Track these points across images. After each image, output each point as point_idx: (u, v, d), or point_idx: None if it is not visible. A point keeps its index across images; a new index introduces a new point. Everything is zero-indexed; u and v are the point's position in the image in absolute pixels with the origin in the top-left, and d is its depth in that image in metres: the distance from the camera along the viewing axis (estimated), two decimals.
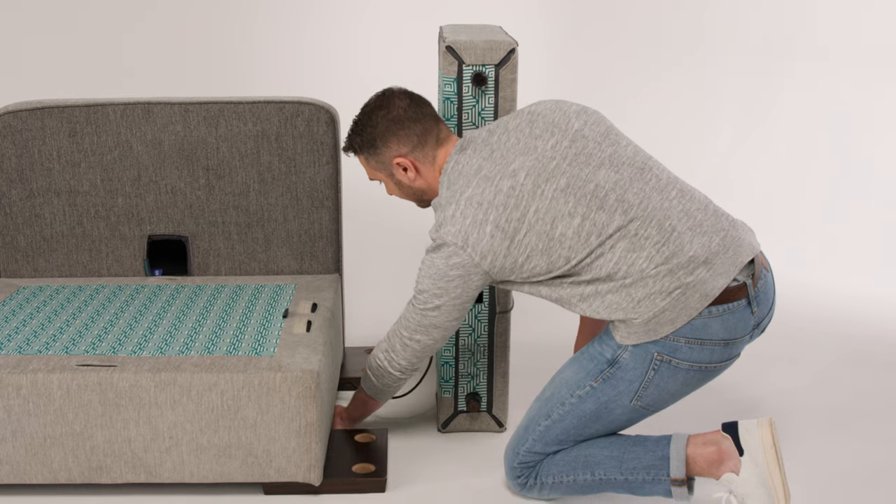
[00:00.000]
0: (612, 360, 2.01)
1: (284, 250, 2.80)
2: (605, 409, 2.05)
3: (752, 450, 1.98)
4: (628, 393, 2.02)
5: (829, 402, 2.75)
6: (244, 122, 2.70)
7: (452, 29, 2.58)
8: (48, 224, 2.76)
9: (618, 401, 2.03)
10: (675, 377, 1.99)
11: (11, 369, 2.13)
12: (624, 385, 2.01)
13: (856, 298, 3.57)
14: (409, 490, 2.27)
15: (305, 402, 2.13)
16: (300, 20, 4.73)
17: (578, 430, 2.09)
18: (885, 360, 3.05)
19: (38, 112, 2.68)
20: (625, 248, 1.94)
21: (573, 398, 2.07)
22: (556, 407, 2.10)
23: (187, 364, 2.16)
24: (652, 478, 2.05)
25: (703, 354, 1.97)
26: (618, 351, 2.01)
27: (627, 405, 2.03)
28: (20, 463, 2.16)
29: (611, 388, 2.02)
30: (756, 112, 4.47)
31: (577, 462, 2.11)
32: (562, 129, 2.03)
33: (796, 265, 3.88)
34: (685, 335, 1.95)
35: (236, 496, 2.23)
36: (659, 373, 1.98)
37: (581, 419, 2.07)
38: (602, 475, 2.09)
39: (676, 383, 2.00)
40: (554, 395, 2.11)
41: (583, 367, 2.07)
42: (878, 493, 2.28)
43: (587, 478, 2.10)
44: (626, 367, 2.00)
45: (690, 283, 1.93)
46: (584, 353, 2.09)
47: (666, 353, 1.96)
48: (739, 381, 2.89)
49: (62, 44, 4.63)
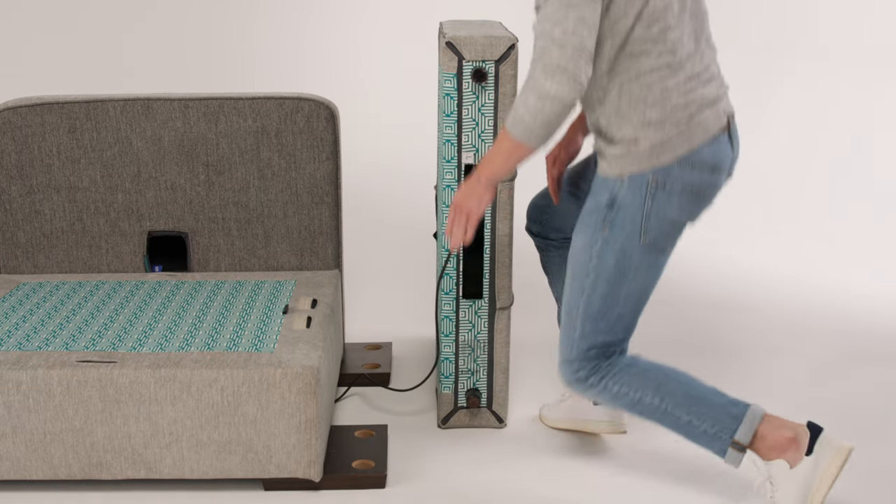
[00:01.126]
0: (610, 202, 2.04)
1: (284, 246, 2.80)
2: (624, 257, 2.06)
3: (820, 457, 1.99)
4: (635, 231, 2.04)
5: (828, 399, 2.75)
6: (244, 118, 2.70)
7: (452, 25, 2.58)
8: (48, 220, 2.76)
9: (630, 243, 2.05)
10: (671, 202, 2.03)
11: (11, 365, 2.13)
12: (629, 223, 2.04)
13: (855, 294, 3.57)
14: (408, 486, 2.28)
15: (305, 398, 2.13)
16: (300, 17, 4.72)
17: (615, 296, 2.08)
18: (885, 356, 3.06)
19: (37, 108, 2.68)
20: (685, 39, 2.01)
21: (593, 260, 2.08)
22: (583, 278, 2.10)
23: (187, 360, 2.16)
24: (715, 431, 2.07)
25: (693, 177, 2.02)
26: (614, 190, 2.04)
27: (639, 246, 2.05)
28: (20, 459, 2.16)
29: (619, 231, 2.05)
30: (756, 110, 4.47)
31: (651, 384, 2.11)
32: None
33: (796, 261, 3.88)
34: (679, 156, 2.02)
35: (236, 492, 2.23)
36: (656, 199, 2.02)
37: (609, 280, 2.08)
38: (668, 407, 2.10)
39: (673, 209, 2.03)
40: (576, 269, 2.11)
41: (587, 226, 2.09)
42: (878, 490, 2.28)
43: (654, 402, 2.11)
44: (625, 203, 2.03)
45: (697, 121, 2.01)
46: (582, 218, 2.11)
47: (659, 177, 2.01)
48: (739, 378, 2.89)
49: (62, 40, 4.63)
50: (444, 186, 2.40)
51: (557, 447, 2.46)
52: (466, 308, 2.47)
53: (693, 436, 2.10)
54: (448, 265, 2.43)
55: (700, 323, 3.33)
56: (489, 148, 2.21)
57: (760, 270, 3.82)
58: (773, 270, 3.82)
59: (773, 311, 3.44)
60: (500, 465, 2.37)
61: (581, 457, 2.41)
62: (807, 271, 3.80)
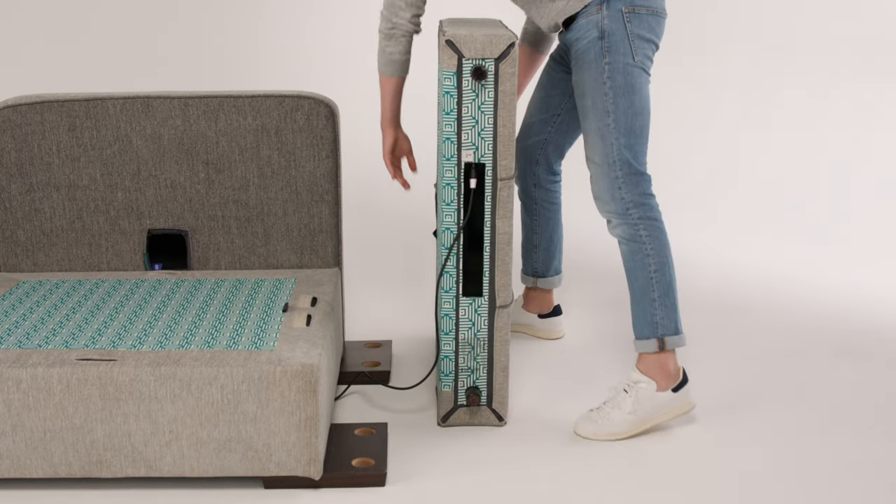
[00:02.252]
0: (601, 34, 2.40)
1: (284, 244, 2.80)
2: (629, 74, 2.40)
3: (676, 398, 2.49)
4: (627, 51, 2.40)
5: (827, 397, 2.75)
6: (244, 116, 2.70)
7: (452, 23, 2.57)
8: (48, 218, 2.76)
9: (627, 62, 2.40)
10: (642, 23, 2.41)
11: (11, 363, 2.13)
12: (622, 45, 2.40)
13: (855, 293, 3.57)
14: (408, 484, 2.28)
15: (305, 397, 2.13)
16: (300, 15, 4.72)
17: (633, 108, 2.41)
18: (883, 355, 3.05)
19: (37, 106, 2.68)
20: None
21: (606, 83, 2.40)
22: (603, 100, 2.41)
23: (187, 358, 2.16)
24: (657, 321, 2.49)
25: (650, 1, 2.42)
26: (600, 23, 2.40)
27: (633, 64, 2.41)
28: (20, 457, 2.16)
29: (617, 53, 2.40)
30: (757, 109, 4.46)
31: (661, 253, 2.46)
32: None
33: (795, 260, 3.88)
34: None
35: (236, 490, 2.23)
36: (632, 22, 2.40)
37: (625, 94, 2.40)
38: (654, 279, 2.47)
39: (644, 29, 2.41)
40: (594, 98, 2.42)
41: (588, 62, 2.42)
42: (877, 488, 2.28)
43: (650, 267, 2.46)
44: (611, 30, 2.40)
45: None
46: (579, 60, 2.45)
47: (627, 5, 2.39)
48: (739, 376, 2.89)
49: (62, 39, 4.62)
50: (444, 184, 2.40)
51: (558, 446, 2.46)
52: (466, 306, 2.47)
53: (643, 308, 2.48)
54: (448, 263, 2.43)
55: (699, 323, 3.33)
56: (488, 145, 2.36)
57: (760, 270, 3.82)
58: (772, 270, 3.82)
59: (772, 311, 3.44)
60: (500, 463, 2.37)
61: (582, 456, 2.41)
62: (805, 270, 3.80)
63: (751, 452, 2.43)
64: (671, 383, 2.48)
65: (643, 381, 2.47)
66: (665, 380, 2.48)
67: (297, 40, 4.68)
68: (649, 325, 2.48)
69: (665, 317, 2.47)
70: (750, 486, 2.27)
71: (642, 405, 2.46)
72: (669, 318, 2.47)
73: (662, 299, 2.47)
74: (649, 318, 2.48)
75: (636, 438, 2.49)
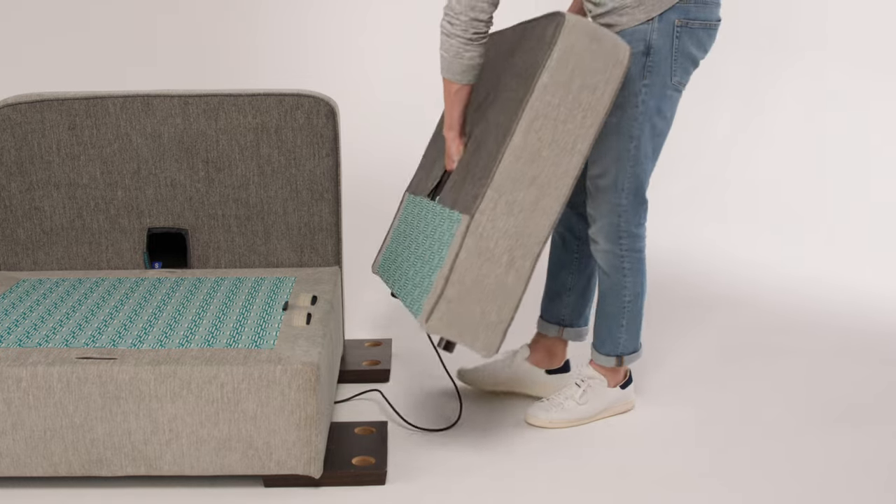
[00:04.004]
0: (646, 49, 2.26)
1: (284, 243, 2.80)
2: (663, 98, 2.31)
3: (621, 395, 2.58)
4: (667, 72, 2.29)
5: (827, 395, 2.75)
6: (244, 114, 2.70)
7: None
8: (48, 217, 2.76)
9: (665, 84, 2.29)
10: (692, 39, 2.28)
11: (11, 362, 2.13)
12: (664, 65, 2.28)
13: (855, 291, 3.57)
14: (409, 483, 2.28)
15: (305, 395, 2.13)
16: (300, 14, 4.72)
17: (655, 134, 2.33)
18: (884, 353, 3.05)
19: (37, 105, 2.68)
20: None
21: (638, 107, 2.29)
22: (629, 123, 2.30)
23: (187, 357, 2.16)
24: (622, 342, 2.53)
25: (706, 12, 2.28)
26: (647, 37, 2.25)
27: (670, 85, 2.30)
28: (20, 456, 2.16)
29: (657, 75, 2.28)
30: (755, 105, 4.46)
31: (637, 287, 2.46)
32: None
33: (794, 258, 3.88)
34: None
35: (236, 489, 2.23)
36: (681, 39, 2.26)
37: (652, 121, 2.32)
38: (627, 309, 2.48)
39: (693, 45, 2.29)
40: (621, 118, 2.30)
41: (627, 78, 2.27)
42: (876, 485, 2.28)
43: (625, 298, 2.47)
44: (657, 46, 2.26)
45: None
46: None
47: (682, 17, 2.25)
48: (738, 375, 2.89)
49: (62, 38, 4.62)
50: None
51: (560, 446, 2.46)
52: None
53: (609, 329, 2.50)
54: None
55: (698, 322, 3.33)
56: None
57: (759, 267, 3.82)
58: (771, 268, 3.82)
59: (770, 308, 3.44)
60: (501, 462, 2.37)
61: (584, 455, 2.41)
62: (805, 265, 3.80)
63: (743, 451, 2.44)
64: (619, 382, 2.59)
65: (596, 377, 2.55)
66: (615, 379, 2.58)
67: (297, 39, 4.68)
68: (612, 344, 2.53)
69: (628, 339, 2.53)
70: (740, 483, 2.27)
71: (593, 398, 2.54)
72: (631, 340, 2.53)
73: (629, 325, 2.51)
74: (613, 339, 2.53)
75: (633, 441, 2.49)
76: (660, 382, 2.83)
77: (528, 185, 2.04)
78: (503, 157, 2.04)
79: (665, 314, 3.37)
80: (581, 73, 2.04)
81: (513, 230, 2.05)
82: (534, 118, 2.03)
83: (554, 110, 2.04)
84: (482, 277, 2.05)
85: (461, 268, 2.05)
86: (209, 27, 4.63)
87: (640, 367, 2.93)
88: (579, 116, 2.05)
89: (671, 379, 2.86)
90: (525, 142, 2.04)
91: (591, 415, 2.55)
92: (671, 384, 2.82)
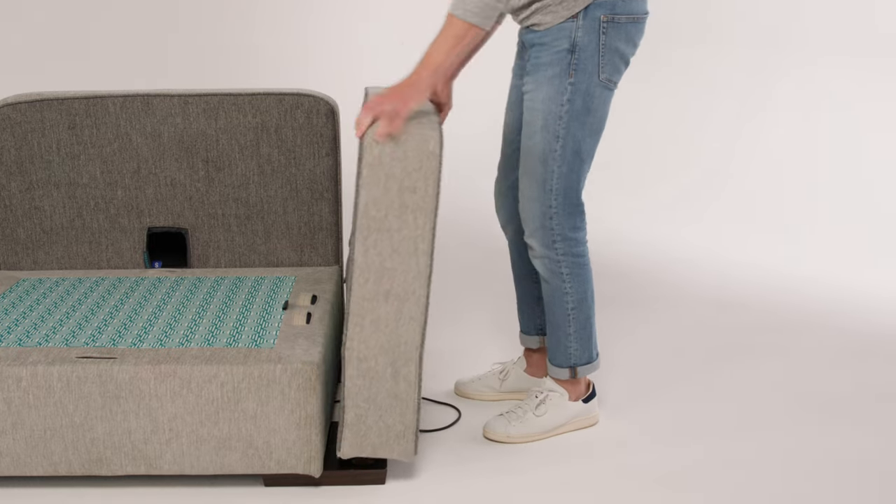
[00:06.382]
0: (571, 47, 2.21)
1: (284, 242, 2.80)
2: (590, 97, 2.24)
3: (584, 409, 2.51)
4: (594, 69, 2.23)
5: (827, 395, 2.75)
6: (244, 114, 2.70)
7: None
8: (48, 216, 2.76)
9: (592, 81, 2.23)
10: (619, 34, 2.23)
11: (11, 361, 2.13)
12: (589, 62, 2.22)
13: (855, 291, 3.57)
14: (409, 483, 2.28)
15: (305, 394, 2.13)
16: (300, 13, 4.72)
17: (584, 133, 2.26)
18: (884, 353, 3.05)
19: (37, 104, 2.68)
20: None
21: (564, 106, 2.23)
22: (556, 125, 2.25)
23: (187, 356, 2.16)
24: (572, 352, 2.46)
25: (632, 5, 2.23)
26: (572, 34, 2.20)
27: (598, 83, 2.24)
28: (20, 455, 2.16)
29: (584, 73, 2.22)
30: (753, 106, 4.46)
31: (580, 292, 2.40)
32: None
33: (792, 258, 3.88)
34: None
35: (236, 488, 2.23)
36: (608, 34, 2.21)
37: (580, 120, 2.25)
38: (571, 316, 2.42)
39: (621, 40, 2.23)
40: (546, 118, 2.25)
41: (549, 77, 2.23)
42: (875, 484, 2.28)
43: (568, 305, 2.41)
44: (583, 44, 2.20)
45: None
46: (538, 72, 2.24)
47: (608, 12, 2.20)
48: (738, 374, 2.89)
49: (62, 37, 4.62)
50: None
51: (560, 445, 2.46)
52: None
53: (558, 339, 2.45)
54: None
55: (695, 321, 3.33)
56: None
57: (757, 268, 3.82)
58: (771, 268, 3.81)
59: (769, 308, 3.43)
60: (502, 462, 2.37)
61: (584, 455, 2.41)
62: (804, 265, 3.79)
63: (743, 445, 2.43)
64: (581, 395, 2.51)
65: (557, 389, 2.49)
66: (576, 392, 2.50)
67: (297, 39, 4.68)
68: (563, 355, 2.47)
69: (579, 348, 2.46)
70: (739, 480, 2.27)
71: (554, 412, 2.47)
72: (584, 349, 2.46)
73: (578, 333, 2.44)
74: (563, 349, 2.46)
75: (635, 443, 2.49)
76: (656, 381, 2.83)
77: (385, 299, 2.06)
78: (352, 281, 2.07)
79: (663, 313, 3.37)
80: (396, 179, 1.99)
81: (387, 344, 2.09)
82: (366, 236, 2.03)
83: (383, 223, 2.02)
84: (374, 395, 2.13)
85: (352, 393, 2.13)
86: (209, 27, 4.63)
87: (636, 367, 2.93)
88: (411, 219, 2.02)
89: (669, 378, 2.85)
90: (367, 261, 2.04)
91: (551, 428, 2.47)
92: (668, 383, 2.82)
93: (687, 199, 4.32)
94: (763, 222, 4.15)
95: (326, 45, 4.68)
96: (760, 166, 4.35)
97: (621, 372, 2.88)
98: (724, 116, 4.47)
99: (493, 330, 3.20)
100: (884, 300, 3.46)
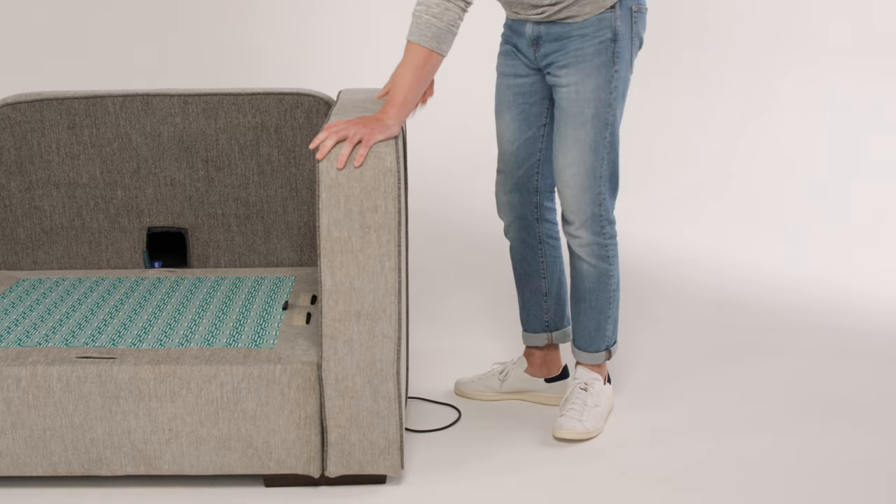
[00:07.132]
0: (614, 36, 2.29)
1: (284, 242, 2.80)
2: (627, 83, 2.36)
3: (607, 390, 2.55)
4: (629, 57, 2.35)
5: (826, 395, 2.75)
6: (243, 113, 2.70)
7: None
8: (47, 216, 2.75)
9: (627, 69, 2.34)
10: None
11: (11, 361, 2.13)
12: (626, 50, 2.32)
13: (855, 291, 3.56)
14: (409, 483, 2.27)
15: (305, 394, 2.13)
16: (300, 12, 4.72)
17: (620, 120, 2.37)
18: (884, 352, 3.05)
19: (36, 104, 2.67)
20: None
21: (613, 93, 2.32)
22: (605, 110, 2.32)
23: (187, 356, 2.15)
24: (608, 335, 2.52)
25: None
26: (613, 24, 2.28)
27: (629, 69, 2.36)
28: (20, 455, 2.16)
29: (623, 60, 2.32)
30: (753, 106, 4.46)
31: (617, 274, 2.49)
32: None
33: (793, 258, 3.87)
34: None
35: (236, 488, 2.23)
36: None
37: (620, 107, 2.36)
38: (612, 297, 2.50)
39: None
40: (598, 105, 2.31)
41: (597, 67, 2.30)
42: (874, 484, 2.28)
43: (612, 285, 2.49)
44: (620, 33, 2.30)
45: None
46: (585, 62, 2.30)
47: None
48: (739, 374, 2.89)
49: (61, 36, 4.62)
50: None
51: (562, 446, 2.45)
52: None
53: (597, 324, 2.48)
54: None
55: (697, 321, 3.33)
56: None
57: (757, 268, 3.82)
58: (771, 268, 3.81)
59: (769, 308, 3.43)
60: (502, 461, 2.37)
61: (585, 455, 2.41)
62: (804, 264, 3.79)
63: (745, 445, 2.43)
64: (605, 377, 2.58)
65: (594, 376, 2.53)
66: (604, 374, 2.57)
67: (297, 39, 4.68)
68: (600, 339, 2.51)
69: (613, 329, 2.53)
70: (741, 480, 2.27)
71: (602, 398, 2.52)
72: (615, 329, 2.54)
73: (615, 314, 2.52)
74: (601, 333, 2.51)
75: (634, 444, 2.49)
76: (657, 381, 2.83)
77: (356, 319, 2.08)
78: (322, 303, 2.09)
79: (661, 313, 3.37)
80: (356, 200, 2.00)
81: (362, 363, 2.11)
82: (331, 259, 2.04)
83: (347, 244, 2.03)
84: (355, 415, 2.15)
85: (332, 413, 2.15)
86: (209, 27, 4.63)
87: (637, 367, 2.92)
88: (374, 238, 2.02)
89: (669, 378, 2.85)
90: (334, 283, 2.06)
91: (607, 413, 2.53)
92: (669, 383, 2.82)
93: (688, 198, 4.32)
94: (764, 222, 4.15)
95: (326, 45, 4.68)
96: (761, 166, 4.34)
97: (622, 372, 2.88)
98: (726, 116, 4.47)
99: (494, 330, 3.20)
100: (884, 300, 3.46)
